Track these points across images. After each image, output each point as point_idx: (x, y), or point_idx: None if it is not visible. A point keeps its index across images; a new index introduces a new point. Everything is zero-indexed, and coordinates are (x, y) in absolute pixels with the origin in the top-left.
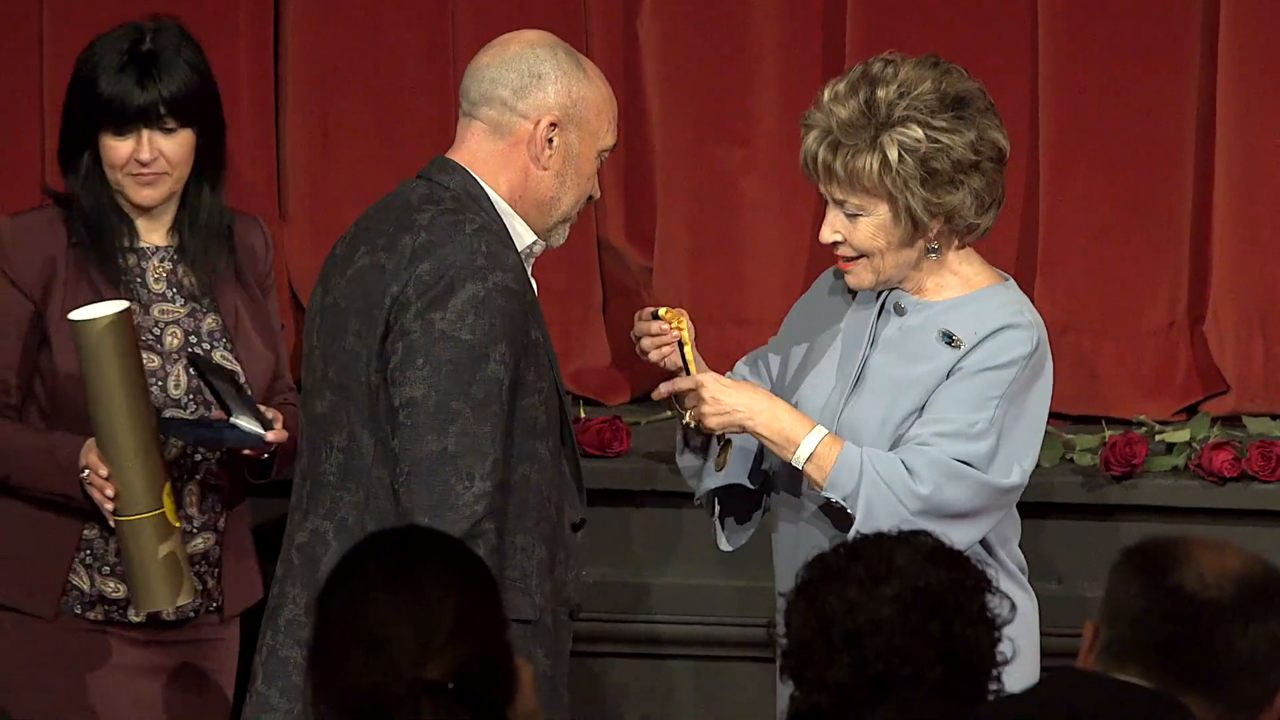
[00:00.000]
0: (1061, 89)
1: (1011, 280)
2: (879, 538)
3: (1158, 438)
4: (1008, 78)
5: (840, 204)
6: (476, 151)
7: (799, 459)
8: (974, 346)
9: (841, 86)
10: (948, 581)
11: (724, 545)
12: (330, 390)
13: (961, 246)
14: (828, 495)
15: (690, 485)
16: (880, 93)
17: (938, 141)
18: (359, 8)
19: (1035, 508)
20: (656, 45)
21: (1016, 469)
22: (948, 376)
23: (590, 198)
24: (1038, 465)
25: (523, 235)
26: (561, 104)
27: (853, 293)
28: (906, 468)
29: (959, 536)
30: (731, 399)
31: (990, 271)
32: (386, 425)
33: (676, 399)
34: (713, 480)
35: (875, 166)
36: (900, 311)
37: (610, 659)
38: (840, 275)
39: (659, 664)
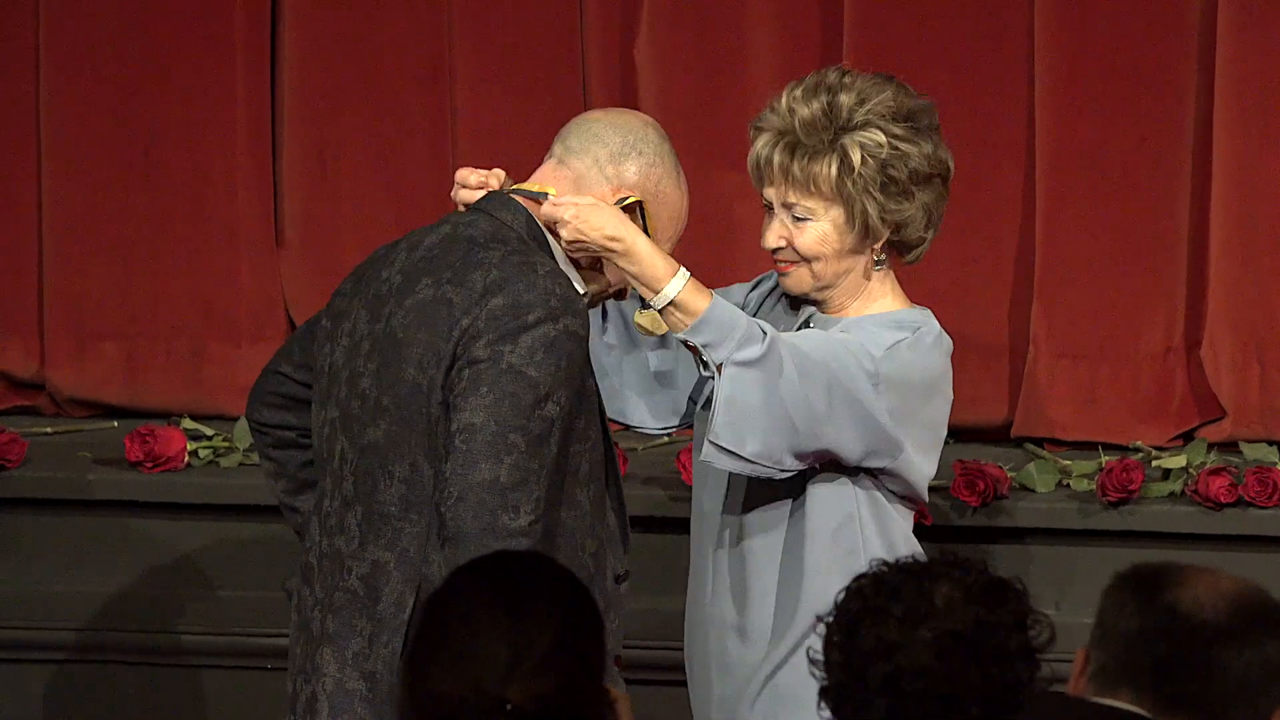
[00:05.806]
0: (1058, 116)
1: (929, 310)
2: (919, 570)
3: (1154, 463)
4: (1005, 105)
5: (789, 208)
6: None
7: (665, 297)
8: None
9: (799, 91)
10: (987, 622)
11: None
12: (386, 419)
13: (900, 260)
14: (686, 338)
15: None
16: (842, 98)
17: (897, 149)
18: (356, 34)
19: (1030, 533)
20: (652, 72)
21: (925, 462)
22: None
23: (618, 292)
24: (1033, 490)
25: (576, 287)
26: (645, 187)
27: (776, 309)
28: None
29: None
30: (600, 217)
31: (909, 303)
32: (444, 455)
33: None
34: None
35: (834, 169)
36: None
37: None
38: (769, 285)
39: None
